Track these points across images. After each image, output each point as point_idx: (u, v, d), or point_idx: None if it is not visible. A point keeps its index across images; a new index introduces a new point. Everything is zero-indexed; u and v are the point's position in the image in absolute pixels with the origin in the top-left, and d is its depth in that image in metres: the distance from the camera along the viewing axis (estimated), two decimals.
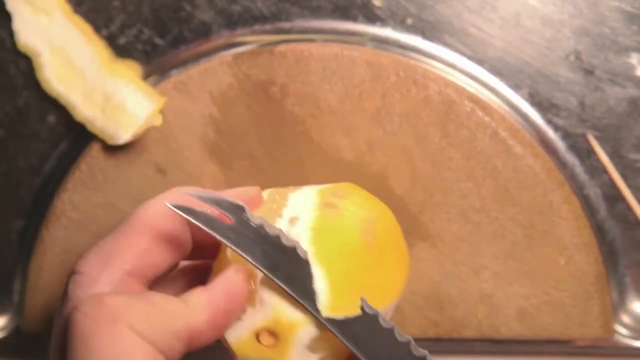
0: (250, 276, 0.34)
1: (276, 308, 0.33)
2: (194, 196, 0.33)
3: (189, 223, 0.34)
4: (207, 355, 0.36)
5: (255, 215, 0.33)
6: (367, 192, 0.40)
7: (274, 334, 0.33)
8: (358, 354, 0.33)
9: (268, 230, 0.33)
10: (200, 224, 0.33)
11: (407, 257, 0.40)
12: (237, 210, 0.33)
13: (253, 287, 0.34)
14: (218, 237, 0.33)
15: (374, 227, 0.36)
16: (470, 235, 0.48)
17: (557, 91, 0.49)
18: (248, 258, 0.33)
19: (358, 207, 0.36)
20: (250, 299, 0.33)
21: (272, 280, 0.33)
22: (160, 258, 0.35)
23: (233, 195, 0.35)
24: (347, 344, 0.33)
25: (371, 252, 0.35)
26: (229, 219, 0.33)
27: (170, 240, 0.35)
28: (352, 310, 0.33)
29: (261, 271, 0.33)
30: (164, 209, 0.34)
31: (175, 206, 0.33)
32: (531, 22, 0.49)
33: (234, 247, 0.33)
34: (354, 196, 0.38)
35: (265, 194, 0.37)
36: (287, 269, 0.33)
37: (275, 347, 0.33)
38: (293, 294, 0.33)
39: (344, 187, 0.39)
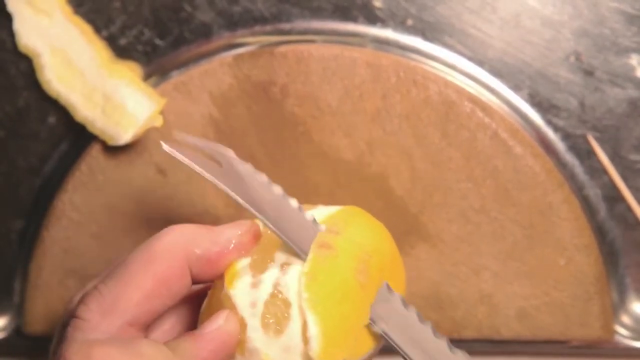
0: (240, 325, 0.34)
1: (265, 359, 0.34)
2: (186, 142, 0.36)
3: (189, 263, 0.35)
4: None
5: (242, 162, 0.36)
6: (367, 216, 0.39)
7: None
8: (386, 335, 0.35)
9: (256, 176, 0.36)
10: (194, 165, 0.35)
11: (404, 282, 0.39)
12: (226, 156, 0.36)
13: (242, 336, 0.34)
14: (210, 178, 0.35)
15: (369, 266, 0.35)
16: (470, 236, 0.48)
17: (557, 92, 0.49)
18: (238, 199, 0.35)
19: (353, 243, 0.36)
20: (239, 347, 0.34)
21: (263, 221, 0.35)
22: (160, 304, 0.35)
23: (233, 229, 0.36)
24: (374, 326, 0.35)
25: (365, 292, 0.35)
26: (219, 164, 0.36)
27: (171, 285, 0.35)
28: (342, 355, 0.34)
29: (250, 212, 0.35)
30: (164, 252, 0.35)
31: (172, 149, 0.35)
32: (531, 23, 0.49)
33: (225, 188, 0.35)
34: (351, 229, 0.37)
35: (261, 225, 0.36)
36: (276, 211, 0.35)
37: None
38: (284, 238, 0.35)
39: (341, 216, 0.38)
